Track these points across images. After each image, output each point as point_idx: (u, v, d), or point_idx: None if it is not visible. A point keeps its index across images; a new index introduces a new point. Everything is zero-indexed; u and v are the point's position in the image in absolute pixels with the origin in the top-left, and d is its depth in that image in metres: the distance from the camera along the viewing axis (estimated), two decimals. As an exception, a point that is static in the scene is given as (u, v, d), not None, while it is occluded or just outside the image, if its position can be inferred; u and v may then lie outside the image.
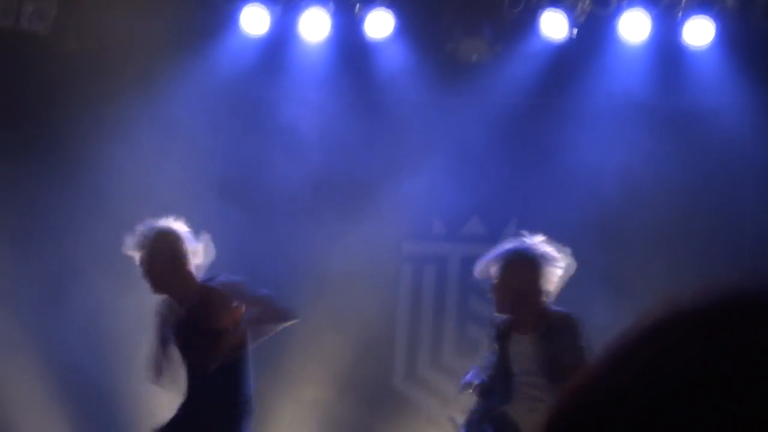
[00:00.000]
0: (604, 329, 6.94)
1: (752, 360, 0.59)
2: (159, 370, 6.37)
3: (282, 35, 8.84)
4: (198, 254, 6.37)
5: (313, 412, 8.49)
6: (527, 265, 6.00)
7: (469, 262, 8.62)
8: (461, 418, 6.23)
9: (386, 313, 8.66)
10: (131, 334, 8.59)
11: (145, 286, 8.40)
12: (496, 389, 6.06)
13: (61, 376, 8.59)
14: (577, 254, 8.40)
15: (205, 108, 8.86)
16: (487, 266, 6.07)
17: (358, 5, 8.69)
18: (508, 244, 6.10)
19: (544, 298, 6.01)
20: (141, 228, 6.37)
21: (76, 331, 8.67)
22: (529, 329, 6.04)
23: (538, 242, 6.11)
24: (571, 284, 8.27)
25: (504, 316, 6.09)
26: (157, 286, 6.33)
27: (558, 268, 6.02)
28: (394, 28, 8.70)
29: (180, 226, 6.42)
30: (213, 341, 6.22)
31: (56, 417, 8.50)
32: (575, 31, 8.55)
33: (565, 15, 8.48)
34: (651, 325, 0.63)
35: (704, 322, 0.61)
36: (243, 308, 6.31)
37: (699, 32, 8.41)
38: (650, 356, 0.62)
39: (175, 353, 6.38)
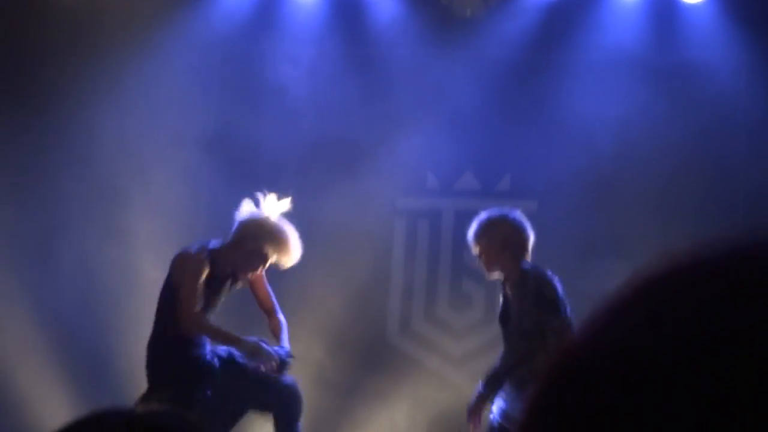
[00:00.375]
0: (597, 283, 6.97)
1: (755, 313, 0.58)
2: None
3: (275, -10, 8.80)
4: None
5: (306, 369, 8.50)
6: (472, 231, 6.32)
7: (462, 216, 8.62)
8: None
9: (380, 268, 8.67)
10: (120, 287, 8.60)
11: (131, 239, 8.42)
12: None
13: (51, 330, 8.59)
14: (570, 208, 8.43)
15: (196, 64, 8.83)
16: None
17: (352, -41, 8.65)
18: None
19: (501, 257, 6.20)
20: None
21: (65, 285, 8.67)
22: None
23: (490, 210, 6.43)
24: (564, 238, 8.29)
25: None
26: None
27: (500, 226, 6.25)
28: (388, -18, 8.66)
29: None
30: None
31: (47, 371, 8.51)
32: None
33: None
34: (650, 278, 0.63)
35: (705, 275, 0.61)
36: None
37: (694, -13, 8.38)
38: (649, 309, 0.61)
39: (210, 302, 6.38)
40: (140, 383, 8.28)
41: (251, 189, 8.69)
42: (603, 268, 7.73)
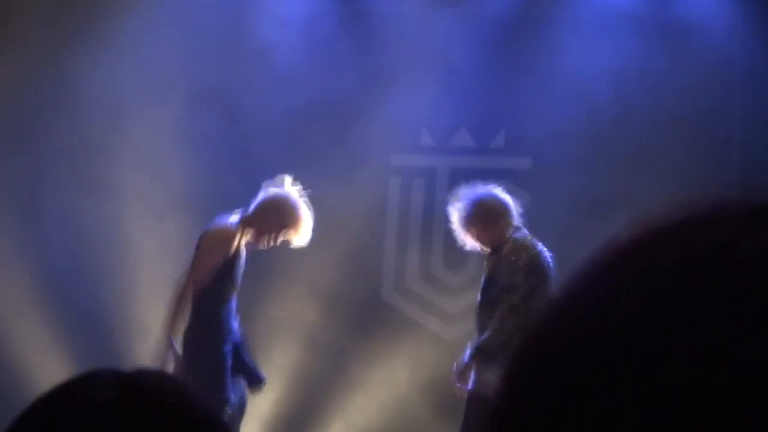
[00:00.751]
0: (593, 240, 6.97)
1: (742, 266, 0.57)
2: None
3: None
4: None
5: (300, 328, 8.53)
6: (458, 221, 6.50)
7: (457, 174, 8.62)
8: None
9: (375, 226, 8.68)
10: (105, 243, 8.59)
11: (116, 193, 8.39)
12: None
13: (39, 286, 8.57)
14: (565, 164, 8.42)
15: (185, 21, 8.78)
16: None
17: None
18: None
19: (493, 232, 6.39)
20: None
21: (51, 240, 8.65)
22: None
23: (468, 191, 6.55)
24: (559, 194, 8.29)
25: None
26: None
27: (483, 207, 6.41)
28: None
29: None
30: None
31: (38, 327, 8.50)
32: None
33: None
34: (633, 236, 0.62)
35: (693, 233, 0.60)
36: None
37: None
38: (631, 269, 0.60)
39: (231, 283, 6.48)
40: (132, 338, 8.32)
41: (239, 147, 8.70)
42: (599, 225, 7.73)
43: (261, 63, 8.77)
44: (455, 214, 6.50)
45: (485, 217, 6.41)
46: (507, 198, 6.50)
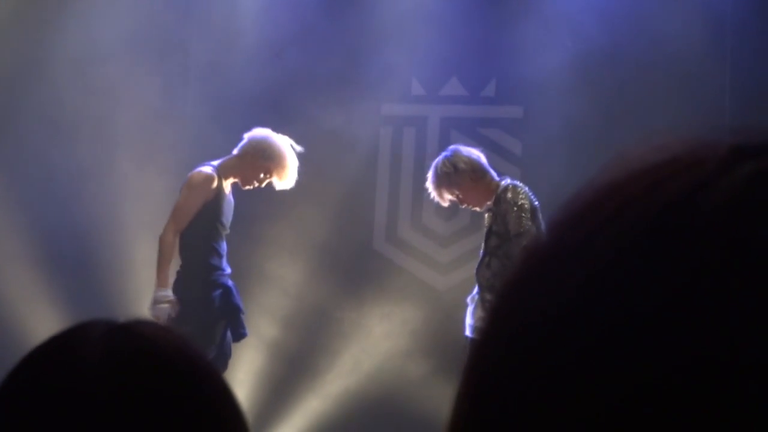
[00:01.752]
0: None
1: (715, 208, 0.57)
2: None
3: None
4: None
5: (292, 278, 8.53)
6: (436, 185, 6.50)
7: (448, 123, 8.62)
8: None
9: (366, 176, 8.67)
10: (92, 190, 8.57)
11: (92, 142, 8.35)
12: None
13: (27, 236, 8.56)
14: (558, 112, 8.40)
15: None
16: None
17: None
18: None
19: (480, 190, 6.42)
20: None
21: (35, 191, 8.64)
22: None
23: (443, 156, 6.55)
24: (552, 143, 8.28)
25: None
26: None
27: (460, 169, 6.43)
28: None
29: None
30: None
31: (29, 279, 8.49)
32: None
33: None
34: (608, 180, 0.62)
35: (665, 172, 0.59)
36: None
37: None
38: (603, 215, 0.60)
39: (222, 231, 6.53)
40: (122, 287, 8.32)
41: (225, 99, 8.68)
42: (591, 174, 7.71)
43: (249, 16, 8.73)
44: (435, 180, 6.50)
45: (472, 174, 6.42)
46: (477, 152, 6.55)
